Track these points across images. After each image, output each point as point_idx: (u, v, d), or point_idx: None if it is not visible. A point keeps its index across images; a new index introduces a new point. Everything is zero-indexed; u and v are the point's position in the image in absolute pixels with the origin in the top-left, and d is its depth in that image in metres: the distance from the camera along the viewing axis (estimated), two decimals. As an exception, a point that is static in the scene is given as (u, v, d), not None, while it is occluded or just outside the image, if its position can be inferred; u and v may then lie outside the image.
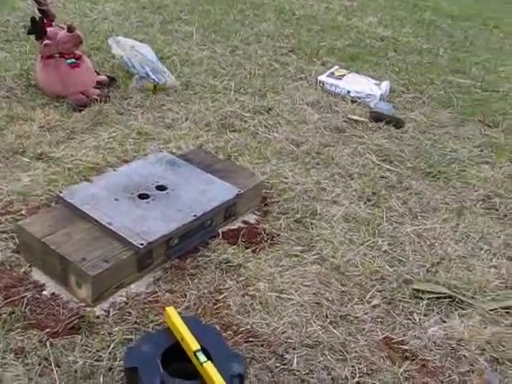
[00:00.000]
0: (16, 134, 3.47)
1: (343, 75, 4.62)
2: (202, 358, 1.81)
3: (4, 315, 2.23)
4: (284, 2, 6.94)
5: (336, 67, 4.81)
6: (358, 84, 4.52)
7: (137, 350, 1.85)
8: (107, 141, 3.49)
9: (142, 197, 2.63)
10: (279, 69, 4.84)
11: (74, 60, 3.92)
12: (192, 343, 1.85)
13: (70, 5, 5.84)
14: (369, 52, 5.54)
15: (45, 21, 3.84)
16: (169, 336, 1.93)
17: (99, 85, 4.09)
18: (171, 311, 1.99)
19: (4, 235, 2.65)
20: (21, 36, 5.02)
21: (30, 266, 2.48)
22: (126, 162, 3.28)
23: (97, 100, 3.89)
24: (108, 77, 4.22)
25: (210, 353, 1.83)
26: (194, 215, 2.56)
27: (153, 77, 4.12)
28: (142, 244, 2.33)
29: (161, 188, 2.71)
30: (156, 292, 2.43)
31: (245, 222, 2.92)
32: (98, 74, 4.19)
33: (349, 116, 4.17)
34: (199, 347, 1.83)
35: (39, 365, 2.06)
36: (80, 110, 3.79)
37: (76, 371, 2.05)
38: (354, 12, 6.83)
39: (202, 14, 6.05)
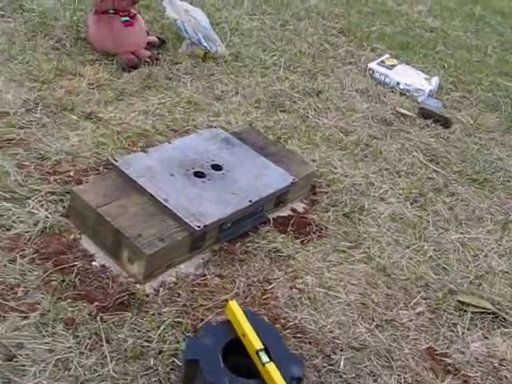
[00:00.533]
0: (65, 89, 3.40)
1: (393, 65, 4.53)
2: (265, 358, 1.78)
3: (54, 282, 2.20)
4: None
5: (386, 56, 4.71)
6: (407, 76, 4.43)
7: (198, 343, 1.81)
8: (156, 106, 3.42)
9: (198, 175, 2.58)
10: (329, 50, 4.74)
11: (128, 18, 3.83)
12: (255, 342, 1.81)
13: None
14: (418, 42, 5.43)
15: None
16: (229, 330, 1.89)
17: (149, 46, 4.00)
18: (234, 305, 1.95)
19: (53, 196, 2.61)
20: (70, -17, 4.90)
21: (79, 234, 2.44)
22: (175, 131, 3.23)
23: (147, 62, 3.80)
24: (158, 38, 4.13)
25: (270, 353, 1.79)
26: (250, 201, 2.52)
27: (205, 44, 4.03)
28: (198, 226, 2.29)
29: (216, 167, 2.65)
30: (205, 275, 2.39)
31: (293, 210, 2.88)
32: (148, 34, 4.10)
33: (397, 109, 4.10)
34: (262, 347, 1.80)
35: (89, 339, 2.04)
36: (130, 71, 3.71)
37: (126, 350, 2.02)
38: (404, -3, 6.69)
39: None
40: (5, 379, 1.86)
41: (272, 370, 1.75)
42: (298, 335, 2.23)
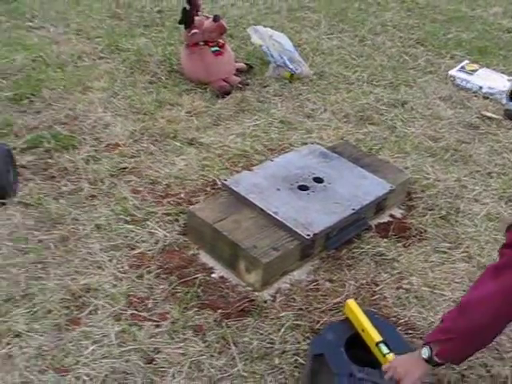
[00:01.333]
0: (166, 118, 3.67)
1: (474, 70, 4.60)
2: (385, 349, 1.92)
3: (180, 294, 2.42)
4: (405, -11, 6.90)
5: (466, 61, 4.78)
6: (490, 80, 4.49)
7: (322, 339, 1.97)
8: (252, 128, 3.63)
9: (302, 188, 2.76)
10: (409, 61, 4.86)
11: (217, 48, 4.08)
12: (374, 335, 1.96)
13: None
14: (496, 45, 5.46)
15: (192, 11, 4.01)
16: (348, 327, 2.05)
17: (238, 72, 4.24)
18: (352, 304, 2.11)
19: (168, 217, 2.84)
20: (157, 22, 5.23)
21: (197, 249, 2.66)
22: (272, 150, 3.43)
23: (238, 87, 4.04)
24: (246, 64, 4.37)
25: (389, 345, 1.93)
26: (353, 209, 2.67)
27: (290, 66, 4.23)
28: (308, 235, 2.46)
29: (318, 180, 2.82)
30: (316, 280, 2.55)
31: (392, 216, 3.01)
32: (236, 61, 4.34)
33: (482, 112, 4.16)
34: (381, 339, 1.94)
35: (217, 343, 2.23)
36: (223, 97, 3.96)
37: (252, 351, 2.20)
38: (477, 1, 6.70)
39: (326, 2, 6.09)
40: (148, 380, 2.08)
41: (392, 359, 1.89)
42: (409, 331, 2.36)
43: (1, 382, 2.03)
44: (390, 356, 1.90)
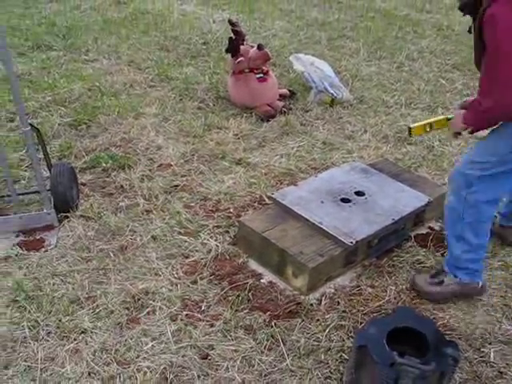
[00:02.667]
0: (215, 141, 3.89)
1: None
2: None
3: (231, 297, 2.60)
4: (442, 18, 7.09)
5: (503, 84, 4.90)
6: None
7: (365, 333, 2.12)
8: (296, 149, 3.83)
9: (344, 201, 2.93)
10: (446, 85, 5.02)
11: (262, 75, 4.31)
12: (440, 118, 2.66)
13: (241, 23, 6.28)
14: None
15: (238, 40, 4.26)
16: (389, 322, 2.19)
17: (281, 97, 4.46)
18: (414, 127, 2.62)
19: (219, 229, 3.04)
20: (203, 52, 5.51)
21: (247, 257, 2.84)
22: (315, 168, 3.61)
23: (282, 112, 4.26)
24: (289, 90, 4.59)
25: (428, 339, 2.07)
26: (393, 219, 2.83)
27: (331, 91, 4.43)
28: (351, 242, 2.63)
29: (359, 193, 2.99)
30: (359, 286, 2.71)
31: (430, 228, 3.15)
32: (280, 87, 4.56)
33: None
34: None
35: (267, 340, 2.40)
36: (268, 121, 4.17)
37: (299, 348, 2.36)
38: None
39: (365, 31, 6.31)
40: (203, 372, 2.26)
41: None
42: (449, 332, 2.49)
43: (70, 372, 2.23)
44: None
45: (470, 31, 2.38)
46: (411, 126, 2.67)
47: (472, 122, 2.40)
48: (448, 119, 2.64)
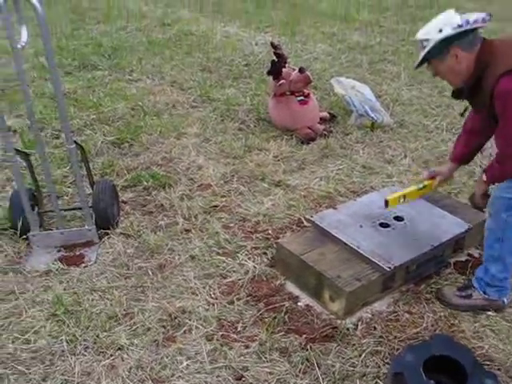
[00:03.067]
0: (255, 162, 3.92)
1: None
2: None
3: (267, 319, 2.60)
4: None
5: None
6: None
7: (402, 359, 2.11)
8: (335, 172, 3.83)
9: (383, 225, 2.92)
10: (489, 111, 4.96)
11: (303, 98, 4.34)
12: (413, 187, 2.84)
13: (283, 46, 6.34)
14: None
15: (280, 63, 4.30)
16: (427, 349, 2.17)
17: (321, 120, 4.47)
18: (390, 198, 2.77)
19: (257, 251, 3.05)
20: (245, 74, 5.57)
21: (284, 279, 2.84)
22: (354, 192, 3.60)
23: (322, 135, 4.27)
24: (329, 113, 4.60)
25: (466, 368, 2.05)
26: (432, 245, 2.80)
27: (372, 115, 4.43)
28: (389, 267, 2.61)
29: (399, 219, 2.98)
30: (396, 311, 2.68)
31: (470, 255, 3.11)
32: (320, 110, 4.58)
33: None
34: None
35: (302, 364, 2.39)
36: (308, 143, 4.19)
37: (334, 373, 2.35)
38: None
39: (406, 55, 6.30)
40: (237, 394, 2.26)
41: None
42: (487, 363, 2.44)
43: (106, 388, 2.25)
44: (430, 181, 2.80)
45: (462, 114, 2.77)
46: (387, 198, 2.79)
47: (495, 179, 2.56)
48: (419, 189, 2.86)
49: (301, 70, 4.27)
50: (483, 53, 2.38)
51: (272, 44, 4.33)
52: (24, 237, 3.05)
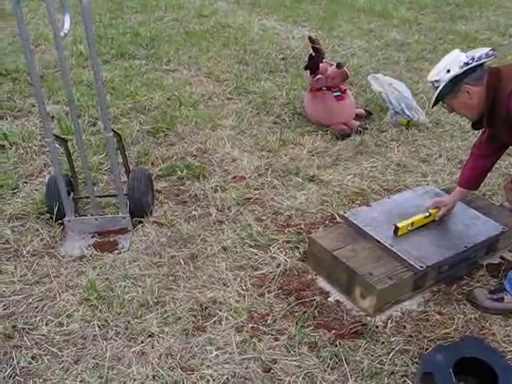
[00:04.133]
0: (289, 156, 3.93)
1: None
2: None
3: (297, 313, 2.61)
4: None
5: None
6: None
7: (432, 358, 2.10)
8: (369, 169, 3.82)
9: (417, 225, 2.91)
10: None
11: (339, 93, 4.32)
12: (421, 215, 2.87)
13: (320, 40, 6.32)
14: None
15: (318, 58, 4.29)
16: (457, 350, 2.16)
17: (357, 117, 4.46)
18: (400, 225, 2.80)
19: (289, 244, 3.06)
20: (281, 68, 5.57)
21: (315, 274, 2.85)
22: (388, 190, 3.59)
23: (357, 131, 4.25)
24: (365, 110, 4.58)
25: (495, 369, 2.04)
26: (465, 246, 2.78)
27: (408, 113, 4.40)
28: (421, 267, 2.60)
29: (432, 218, 2.96)
30: (426, 311, 2.67)
31: (503, 258, 3.08)
32: (356, 107, 4.56)
33: None
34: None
35: (330, 359, 2.40)
36: (343, 139, 4.18)
37: (362, 370, 2.35)
38: None
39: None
40: (266, 386, 2.28)
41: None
42: (517, 367, 2.43)
43: (136, 373, 2.29)
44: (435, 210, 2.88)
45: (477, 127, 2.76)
46: (398, 225, 2.80)
47: None
48: (425, 217, 2.90)
49: (338, 66, 4.26)
50: (491, 81, 2.48)
51: (310, 38, 4.32)
52: (59, 222, 3.10)
